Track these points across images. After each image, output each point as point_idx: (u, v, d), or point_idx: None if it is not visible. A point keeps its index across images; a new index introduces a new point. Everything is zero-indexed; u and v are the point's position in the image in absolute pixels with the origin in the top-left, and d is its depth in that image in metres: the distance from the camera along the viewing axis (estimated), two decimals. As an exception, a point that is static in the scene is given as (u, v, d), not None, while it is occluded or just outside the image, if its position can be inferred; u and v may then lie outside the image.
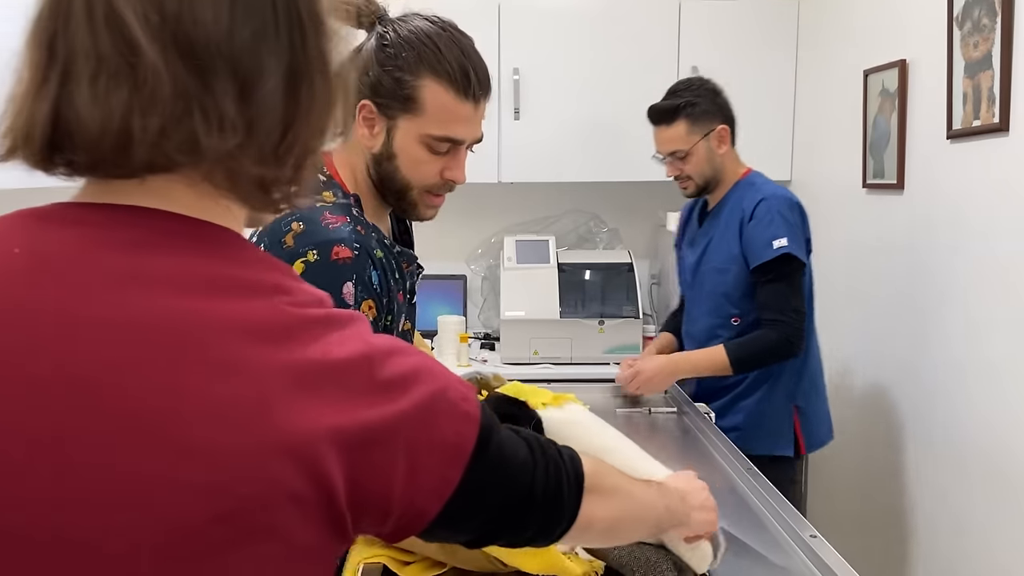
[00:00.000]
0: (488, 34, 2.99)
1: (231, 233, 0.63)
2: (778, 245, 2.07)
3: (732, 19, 3.03)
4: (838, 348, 2.76)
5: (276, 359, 0.56)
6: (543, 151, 3.06)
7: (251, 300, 0.58)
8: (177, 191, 0.60)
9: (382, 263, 1.16)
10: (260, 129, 0.59)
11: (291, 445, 0.54)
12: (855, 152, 2.58)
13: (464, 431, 0.65)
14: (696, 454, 1.78)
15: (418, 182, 1.19)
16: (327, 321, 0.60)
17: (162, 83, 0.54)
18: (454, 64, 1.12)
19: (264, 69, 0.58)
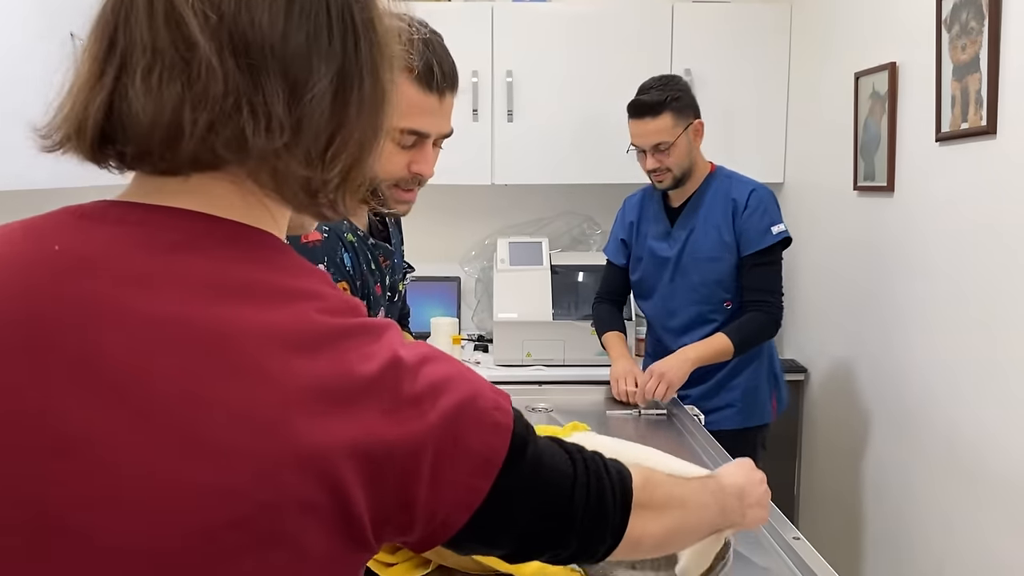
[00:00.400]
0: (482, 36, 3.00)
1: (270, 237, 0.63)
2: (777, 231, 2.25)
3: (725, 22, 3.04)
4: (828, 349, 2.76)
5: (303, 369, 0.56)
6: (536, 153, 3.07)
7: (284, 307, 0.58)
8: (221, 191, 0.61)
9: (354, 247, 1.20)
10: (308, 131, 0.59)
11: (309, 456, 0.54)
12: (846, 155, 2.59)
13: (493, 441, 0.63)
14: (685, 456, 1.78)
15: (386, 175, 1.20)
16: (359, 331, 0.60)
17: (215, 80, 0.56)
18: (417, 59, 1.15)
19: (314, 72, 0.59)
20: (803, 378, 2.96)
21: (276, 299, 0.58)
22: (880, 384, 2.42)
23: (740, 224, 2.27)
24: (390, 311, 1.38)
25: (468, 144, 3.04)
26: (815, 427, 2.90)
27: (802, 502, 2.99)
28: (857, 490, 2.57)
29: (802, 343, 3.00)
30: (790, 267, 3.05)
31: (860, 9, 2.51)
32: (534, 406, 2.12)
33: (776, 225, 2.25)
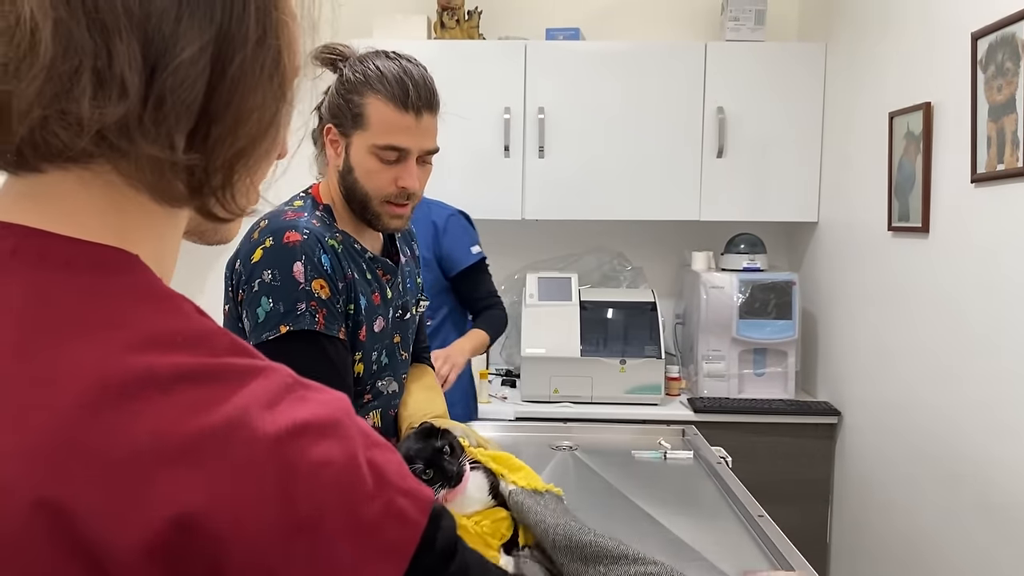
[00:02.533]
0: (514, 73, 3.03)
1: (109, 254, 0.50)
2: (476, 251, 2.45)
3: (758, 60, 3.03)
4: (862, 392, 2.70)
5: (93, 425, 0.43)
6: (567, 189, 3.07)
7: (88, 345, 0.45)
8: (71, 191, 0.50)
9: (335, 252, 1.29)
10: (175, 107, 0.48)
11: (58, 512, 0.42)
12: (881, 195, 2.55)
13: (373, 569, 0.47)
14: (706, 501, 1.75)
15: (374, 192, 1.33)
16: (204, 376, 0.46)
17: (45, 39, 0.44)
18: (393, 82, 1.27)
19: (183, 36, 0.47)
20: (836, 421, 2.89)
21: (82, 334, 0.46)
22: (915, 429, 2.36)
23: (445, 244, 2.42)
24: (399, 328, 1.44)
25: (499, 179, 3.06)
26: (848, 472, 2.82)
27: (834, 550, 2.90)
28: (891, 538, 2.49)
29: (835, 386, 2.94)
30: (824, 306, 3.01)
31: (895, 49, 2.49)
32: (558, 444, 2.09)
33: (475, 246, 2.45)
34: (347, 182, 1.34)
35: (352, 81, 1.29)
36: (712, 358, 2.97)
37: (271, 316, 1.22)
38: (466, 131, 3.02)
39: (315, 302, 1.23)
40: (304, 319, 1.22)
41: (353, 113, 1.29)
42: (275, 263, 1.23)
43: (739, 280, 2.95)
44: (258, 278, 1.24)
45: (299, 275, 1.23)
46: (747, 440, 2.86)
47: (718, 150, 3.04)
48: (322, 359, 1.25)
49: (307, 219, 1.30)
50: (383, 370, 1.40)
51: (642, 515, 1.62)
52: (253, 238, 1.28)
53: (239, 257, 1.30)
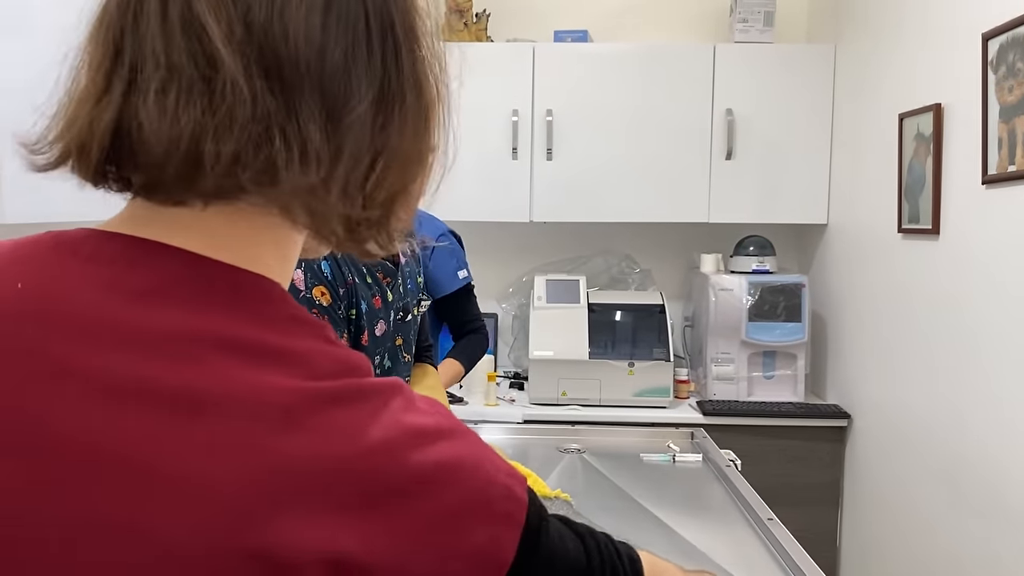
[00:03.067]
0: (522, 76, 3.03)
1: (265, 283, 0.53)
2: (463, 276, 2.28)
3: (768, 62, 3.02)
4: (872, 395, 2.69)
5: (278, 447, 0.46)
6: (575, 191, 3.07)
7: (264, 370, 0.48)
8: (224, 223, 0.52)
9: (335, 257, 1.28)
10: (346, 160, 0.51)
11: (268, 557, 0.45)
12: (891, 196, 2.54)
13: (503, 537, 0.54)
14: (715, 504, 1.74)
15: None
16: (353, 396, 0.50)
17: (242, 103, 0.47)
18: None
19: (354, 92, 0.50)
20: (846, 424, 2.88)
21: (257, 360, 0.48)
22: (926, 432, 2.34)
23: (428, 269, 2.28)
24: (400, 330, 1.44)
25: (507, 182, 3.05)
26: (858, 475, 2.81)
27: (844, 554, 2.89)
28: (901, 542, 2.48)
29: (845, 388, 2.93)
30: (834, 308, 2.99)
31: (904, 50, 2.48)
32: (566, 447, 2.09)
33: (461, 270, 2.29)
34: None
35: None
36: (721, 361, 2.96)
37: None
38: (474, 133, 3.02)
39: (316, 310, 1.23)
40: None
41: None
42: None
43: (748, 282, 2.94)
44: None
45: (299, 283, 1.22)
46: (756, 443, 2.84)
47: (727, 152, 3.04)
48: None
49: None
50: (386, 374, 1.40)
51: (651, 518, 1.62)
52: None
53: None
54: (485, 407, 2.89)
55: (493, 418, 2.73)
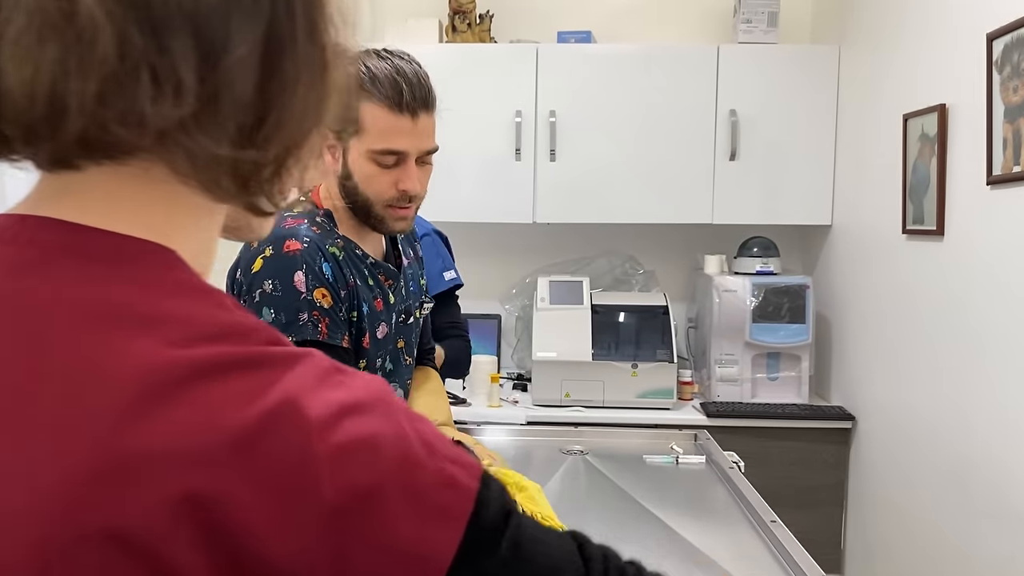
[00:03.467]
0: (525, 77, 3.02)
1: (156, 249, 0.51)
2: (449, 277, 2.19)
3: (771, 63, 3.02)
4: (877, 397, 2.68)
5: (122, 432, 0.43)
6: (578, 192, 3.06)
7: (126, 336, 0.45)
8: (116, 188, 0.50)
9: (336, 259, 1.28)
10: (228, 104, 0.48)
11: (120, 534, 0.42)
12: (895, 197, 2.53)
13: (437, 534, 0.47)
14: (718, 506, 1.73)
15: (375, 196, 1.29)
16: (245, 363, 0.46)
17: (105, 41, 0.44)
18: (386, 84, 1.23)
19: (234, 33, 0.48)
20: (850, 426, 2.87)
21: (121, 326, 0.46)
22: (931, 434, 2.33)
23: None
24: (402, 333, 1.42)
25: (510, 183, 3.05)
26: (862, 477, 2.80)
27: (848, 556, 2.88)
28: (906, 545, 2.47)
29: (850, 390, 2.92)
30: (838, 309, 2.98)
31: (909, 50, 2.47)
32: (569, 448, 2.08)
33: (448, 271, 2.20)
34: (347, 188, 1.31)
35: None
36: (725, 362, 2.95)
37: (273, 327, 1.20)
38: (477, 134, 3.01)
39: (317, 311, 1.22)
40: (307, 329, 1.20)
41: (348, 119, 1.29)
42: (275, 273, 1.22)
43: (752, 284, 2.93)
44: (259, 288, 1.22)
45: (300, 285, 1.21)
46: (760, 445, 2.84)
47: (731, 153, 3.03)
48: None
49: (307, 226, 1.28)
50: (387, 376, 1.39)
51: (654, 520, 1.61)
52: (252, 247, 1.26)
53: (239, 266, 1.28)
54: (488, 408, 2.88)
55: (496, 419, 2.73)
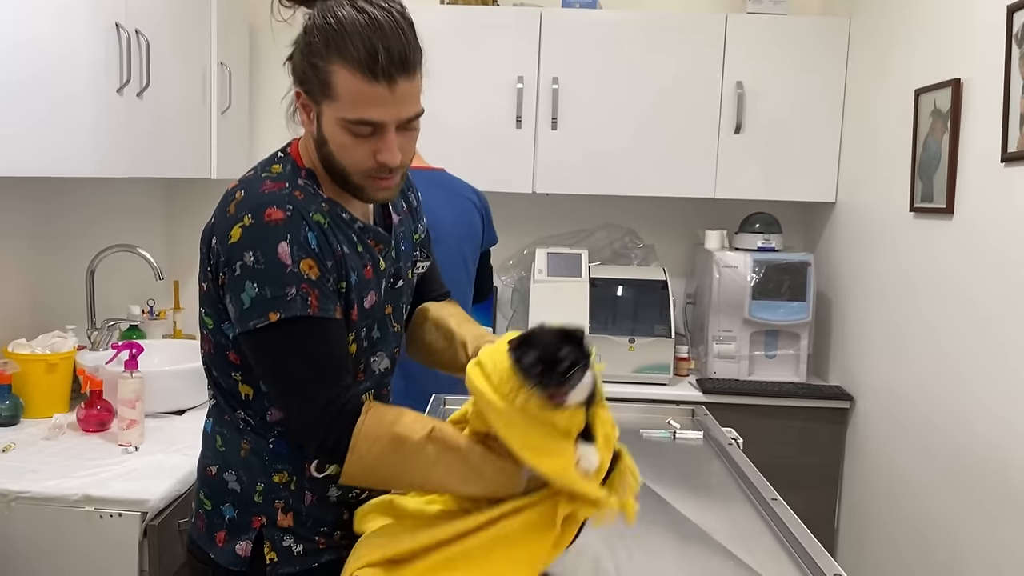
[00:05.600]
0: (528, 42, 2.95)
1: None
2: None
3: (780, 35, 2.95)
4: (876, 378, 2.64)
5: None
6: (579, 163, 3.00)
7: None
8: None
9: (321, 228, 1.17)
10: None
11: None
12: (903, 174, 2.48)
13: None
14: (716, 483, 1.69)
15: (352, 166, 1.17)
16: None
17: None
18: (359, 46, 1.08)
19: None
20: (848, 406, 2.83)
21: None
22: (931, 417, 2.30)
23: (487, 231, 2.28)
24: (391, 297, 1.33)
25: (510, 151, 2.99)
26: (858, 457, 2.77)
27: (841, 536, 2.86)
28: (900, 527, 2.44)
29: (848, 370, 2.88)
30: (840, 288, 2.94)
31: (923, 23, 2.41)
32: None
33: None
34: (322, 153, 1.18)
35: (314, 42, 1.11)
36: (723, 339, 2.91)
37: (258, 302, 1.10)
38: (477, 101, 2.94)
39: (306, 284, 1.12)
40: (295, 304, 1.11)
41: (320, 80, 1.12)
42: (257, 244, 1.10)
43: (753, 260, 2.89)
44: (239, 260, 1.11)
45: (285, 256, 1.11)
46: (756, 422, 2.80)
47: (736, 126, 2.97)
48: (319, 345, 1.14)
49: (289, 190, 1.15)
50: (374, 345, 1.31)
51: (651, 495, 1.57)
52: (229, 212, 1.14)
53: (215, 233, 1.16)
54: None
55: (490, 391, 2.68)
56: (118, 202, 2.86)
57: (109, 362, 2.12)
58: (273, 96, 3.25)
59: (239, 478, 1.25)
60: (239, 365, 1.22)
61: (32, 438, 2.00)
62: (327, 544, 1.27)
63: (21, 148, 1.77)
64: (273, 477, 1.24)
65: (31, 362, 2.12)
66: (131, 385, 1.98)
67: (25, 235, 2.34)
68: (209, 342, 1.25)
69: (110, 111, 2.09)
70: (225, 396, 1.27)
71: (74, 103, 1.94)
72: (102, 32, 2.03)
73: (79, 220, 2.60)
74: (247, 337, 1.13)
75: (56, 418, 2.05)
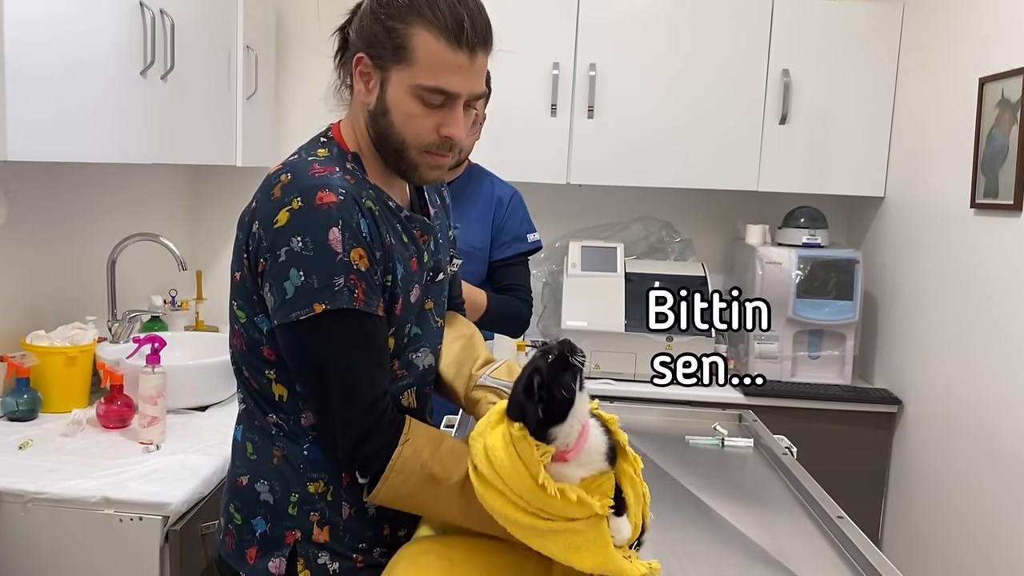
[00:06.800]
0: (565, 26, 2.84)
1: None
2: (533, 239, 2.16)
3: (829, 21, 2.81)
4: (928, 381, 2.51)
5: None
6: (616, 153, 2.89)
7: None
8: None
9: (373, 215, 1.10)
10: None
11: None
12: (963, 168, 2.34)
13: None
14: (773, 496, 1.58)
15: (413, 139, 1.11)
16: None
17: None
18: (446, 11, 1.06)
19: None
20: (896, 410, 2.71)
21: None
22: (983, 425, 2.17)
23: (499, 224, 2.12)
24: (430, 291, 1.26)
25: (544, 140, 2.88)
26: (906, 464, 2.65)
27: (886, 547, 2.74)
28: (957, 537, 2.32)
29: (896, 373, 2.75)
30: (888, 287, 2.80)
31: (987, 7, 2.27)
32: (605, 425, 1.93)
33: (532, 233, 2.17)
34: (379, 125, 1.12)
35: (395, 4, 1.07)
36: (765, 338, 2.79)
37: (303, 292, 1.03)
38: (510, 88, 2.83)
39: (355, 275, 1.04)
40: (342, 296, 1.03)
41: (395, 43, 1.07)
42: (307, 229, 1.03)
43: (798, 256, 2.76)
44: (284, 246, 1.03)
45: (336, 244, 1.03)
46: (799, 426, 2.67)
47: (781, 116, 2.84)
48: (360, 341, 1.07)
49: (340, 175, 1.08)
50: (415, 341, 1.23)
51: (704, 509, 1.47)
52: (274, 196, 1.06)
53: (257, 218, 1.08)
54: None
55: (522, 389, 2.58)
56: (141, 189, 2.78)
57: (130, 356, 2.04)
58: (301, 82, 3.15)
59: (272, 488, 1.16)
60: (274, 362, 1.13)
61: (50, 434, 1.92)
62: (365, 562, 1.18)
63: (41, 133, 1.68)
64: (308, 487, 1.15)
65: (50, 355, 2.05)
66: (152, 381, 1.89)
67: (45, 222, 2.27)
68: (241, 338, 1.16)
69: (133, 95, 2.00)
70: (256, 399, 1.18)
71: (96, 86, 1.85)
72: (125, 12, 1.94)
73: (100, 207, 2.52)
74: (287, 329, 1.05)
75: (75, 413, 1.97)
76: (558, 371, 1.01)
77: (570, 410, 1.00)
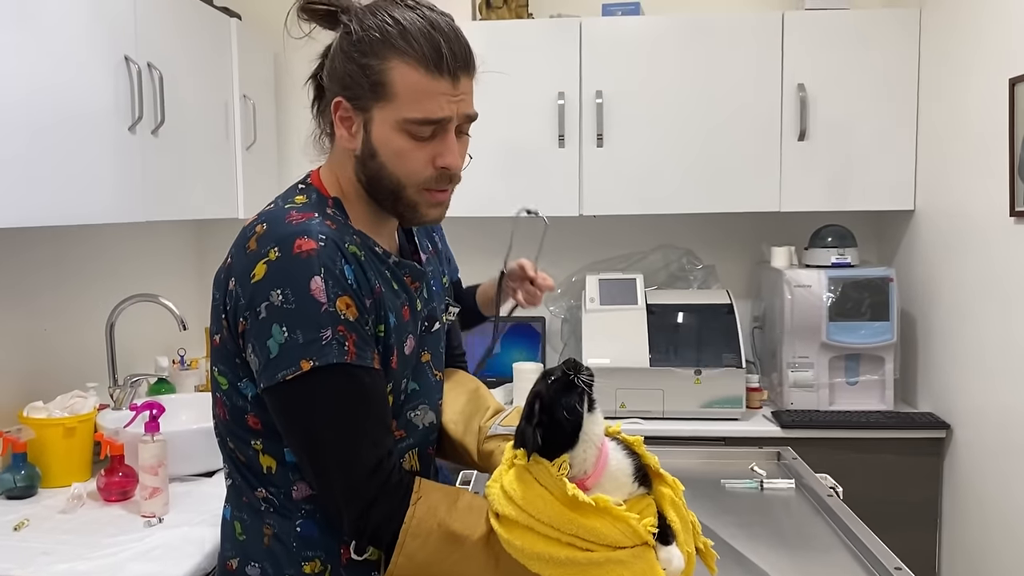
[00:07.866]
0: (568, 55, 2.75)
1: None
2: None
3: (843, 31, 2.71)
4: (977, 402, 2.35)
5: None
6: (629, 181, 2.78)
7: None
8: None
9: (359, 260, 1.02)
10: None
11: None
12: (999, 175, 2.21)
13: None
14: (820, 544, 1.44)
15: (408, 177, 1.05)
16: None
17: None
18: (421, 40, 1.01)
19: None
20: (944, 435, 2.55)
21: None
22: (1051, 448, 2.01)
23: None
24: (426, 342, 1.16)
25: (553, 172, 2.78)
26: (960, 492, 2.47)
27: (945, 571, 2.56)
28: (1013, 569, 2.14)
29: (942, 395, 2.59)
30: (925, 304, 2.65)
31: (1012, 5, 2.15)
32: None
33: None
34: (369, 169, 1.05)
35: (366, 40, 1.01)
36: (799, 366, 2.65)
37: (288, 349, 0.95)
38: (516, 121, 2.75)
39: (343, 326, 0.96)
40: (331, 350, 0.94)
41: (372, 81, 1.01)
42: (286, 280, 0.95)
43: (828, 277, 2.63)
44: (264, 301, 0.96)
45: (319, 294, 0.95)
46: (841, 458, 2.53)
47: (799, 132, 2.72)
48: (356, 398, 0.98)
49: (319, 220, 1.01)
50: (413, 398, 1.13)
51: (744, 562, 1.33)
52: (250, 249, 1.00)
53: (233, 274, 1.01)
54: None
55: (545, 434, 2.46)
56: (143, 248, 2.72)
57: (128, 424, 1.94)
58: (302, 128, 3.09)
59: (263, 571, 1.06)
60: (260, 431, 1.04)
61: (49, 511, 1.83)
62: None
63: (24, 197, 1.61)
64: (303, 567, 1.05)
65: (48, 427, 1.96)
66: (152, 450, 1.79)
67: (41, 287, 2.19)
68: (224, 406, 1.08)
69: (122, 151, 1.94)
70: (243, 472, 1.09)
71: (81, 144, 1.79)
72: (110, 67, 1.88)
73: (100, 269, 2.45)
74: (274, 392, 0.97)
75: (75, 488, 1.87)
76: (560, 392, 0.95)
77: (579, 433, 0.94)
